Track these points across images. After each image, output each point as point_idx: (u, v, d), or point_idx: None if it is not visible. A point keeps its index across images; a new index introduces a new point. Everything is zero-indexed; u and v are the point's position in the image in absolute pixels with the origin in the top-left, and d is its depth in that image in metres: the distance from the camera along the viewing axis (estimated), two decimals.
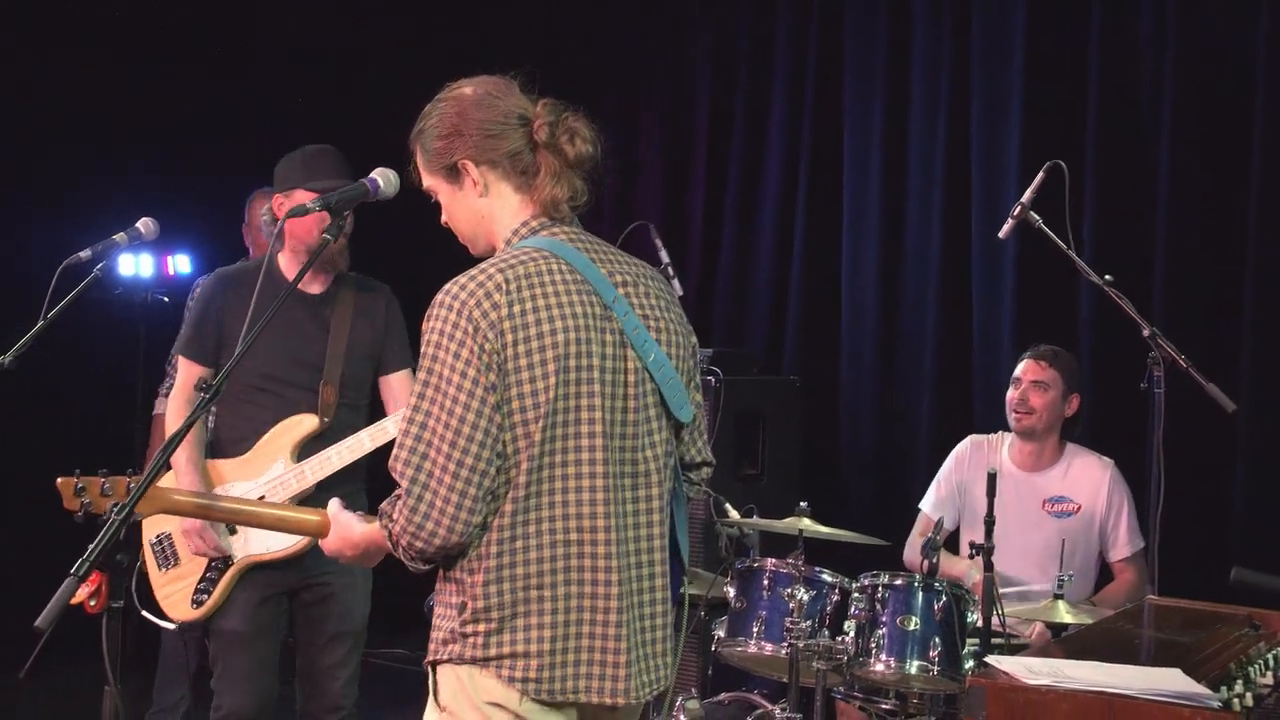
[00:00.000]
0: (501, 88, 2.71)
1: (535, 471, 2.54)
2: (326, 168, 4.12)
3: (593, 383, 2.56)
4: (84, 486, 3.40)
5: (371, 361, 4.29)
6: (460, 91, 2.71)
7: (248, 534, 4.07)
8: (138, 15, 6.64)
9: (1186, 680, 2.90)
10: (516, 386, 2.51)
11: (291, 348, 4.15)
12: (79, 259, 3.79)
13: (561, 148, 2.66)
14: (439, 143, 2.70)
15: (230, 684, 4.13)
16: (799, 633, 4.21)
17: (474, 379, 2.48)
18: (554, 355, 2.52)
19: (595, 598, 2.57)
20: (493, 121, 2.66)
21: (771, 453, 6.32)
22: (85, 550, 2.52)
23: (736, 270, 7.25)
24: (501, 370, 2.50)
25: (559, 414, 2.53)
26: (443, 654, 2.59)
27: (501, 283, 2.53)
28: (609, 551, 2.57)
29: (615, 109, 7.58)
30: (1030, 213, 4.59)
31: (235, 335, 4.04)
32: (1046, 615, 4.38)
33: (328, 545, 2.84)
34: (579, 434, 2.56)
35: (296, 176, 4.13)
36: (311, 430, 4.14)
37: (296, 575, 4.17)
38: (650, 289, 2.73)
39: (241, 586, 4.11)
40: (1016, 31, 6.16)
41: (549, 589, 2.54)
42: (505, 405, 2.51)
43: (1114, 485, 4.96)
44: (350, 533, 2.78)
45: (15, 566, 5.26)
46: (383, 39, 7.44)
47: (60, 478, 3.42)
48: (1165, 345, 4.40)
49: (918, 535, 5.17)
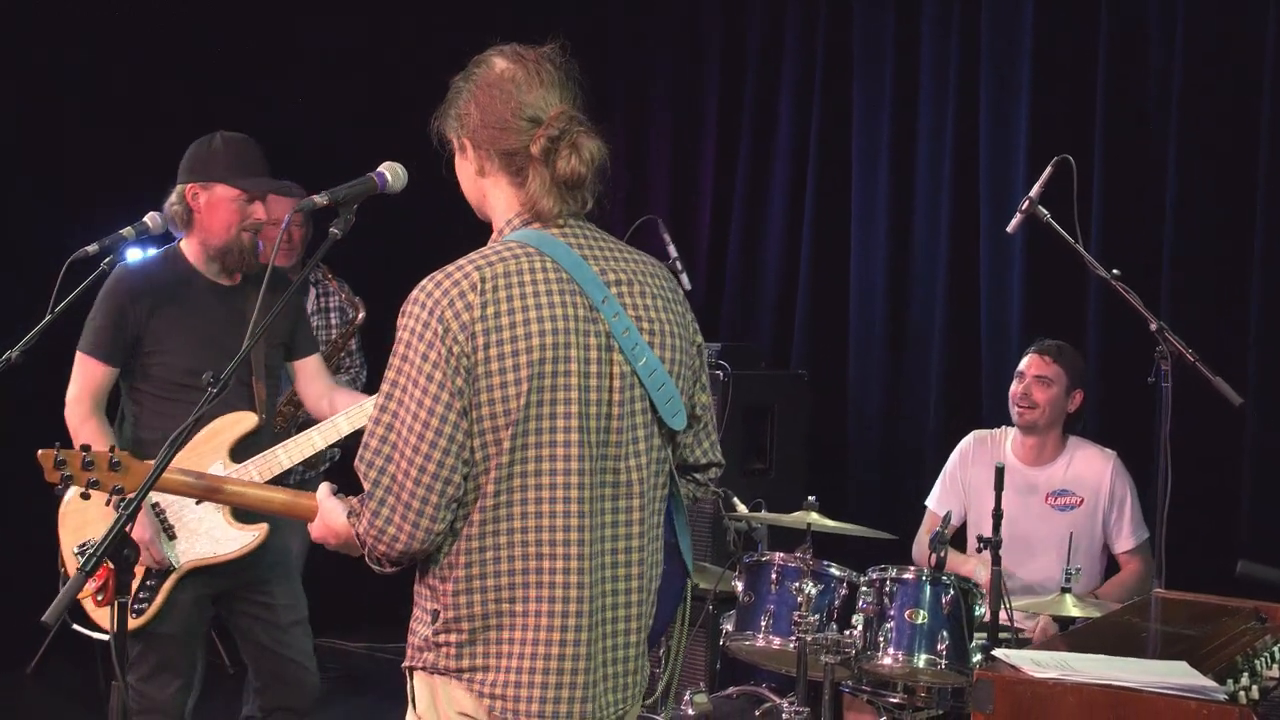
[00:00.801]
0: (530, 76, 2.56)
1: (504, 480, 2.45)
2: (250, 162, 4.01)
3: (569, 389, 2.46)
4: (64, 459, 3.36)
5: (283, 350, 4.18)
6: (487, 70, 2.59)
7: (193, 538, 3.92)
8: (143, 13, 6.66)
9: (1193, 673, 2.91)
10: (487, 392, 2.42)
11: (217, 342, 3.96)
12: (86, 253, 3.78)
13: (554, 163, 2.52)
14: (453, 112, 2.61)
15: (165, 681, 3.98)
16: (807, 626, 4.21)
17: (440, 383, 2.40)
18: (527, 360, 2.42)
19: (565, 615, 2.48)
20: (500, 115, 2.54)
21: (779, 447, 6.32)
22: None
23: (745, 264, 7.25)
24: (471, 374, 2.41)
25: (530, 421, 2.44)
26: (417, 661, 2.55)
27: (477, 281, 2.44)
28: (579, 566, 2.48)
29: (624, 102, 7.60)
30: (1038, 207, 4.59)
31: (155, 333, 3.95)
32: (1054, 609, 4.38)
33: (314, 531, 2.75)
34: (552, 442, 2.45)
35: (219, 169, 3.98)
36: (251, 428, 4.00)
37: (228, 580, 4.03)
38: (649, 288, 2.61)
39: (178, 591, 3.93)
40: (1025, 25, 6.15)
41: (520, 603, 2.47)
42: (475, 410, 2.42)
43: (1116, 477, 4.96)
44: (335, 521, 2.66)
45: (21, 562, 5.26)
46: (383, 37, 7.45)
47: (41, 450, 3.38)
48: (1172, 339, 4.40)
49: (925, 533, 5.17)
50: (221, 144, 4.01)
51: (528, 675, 2.48)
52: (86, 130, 6.44)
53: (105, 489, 3.39)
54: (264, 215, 4.07)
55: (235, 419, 3.99)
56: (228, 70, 6.89)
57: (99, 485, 3.40)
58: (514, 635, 2.48)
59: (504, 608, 2.48)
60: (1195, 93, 5.67)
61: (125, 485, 3.39)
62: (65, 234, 4.91)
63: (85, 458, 3.37)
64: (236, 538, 3.96)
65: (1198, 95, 5.66)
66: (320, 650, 4.42)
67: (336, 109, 7.24)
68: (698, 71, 7.51)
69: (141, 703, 3.96)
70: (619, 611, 2.57)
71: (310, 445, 3.95)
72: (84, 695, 3.60)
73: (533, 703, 2.48)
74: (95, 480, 3.39)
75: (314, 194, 2.95)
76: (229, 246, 4.03)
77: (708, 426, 2.78)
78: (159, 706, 3.97)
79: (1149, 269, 5.61)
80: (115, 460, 3.39)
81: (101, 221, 4.13)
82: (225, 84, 6.81)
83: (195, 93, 6.65)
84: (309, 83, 7.25)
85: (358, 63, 7.38)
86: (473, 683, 2.49)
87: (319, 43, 7.28)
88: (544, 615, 2.48)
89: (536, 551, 2.47)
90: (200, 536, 3.93)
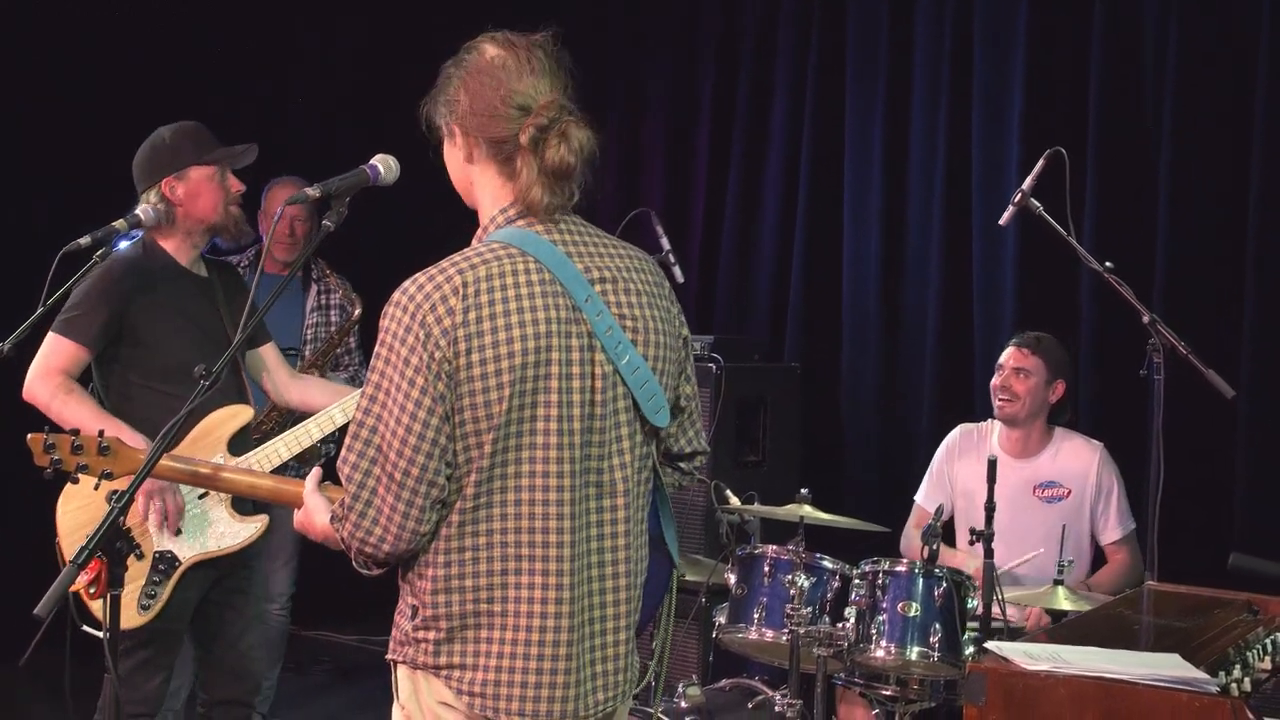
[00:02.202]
0: (520, 63, 2.54)
1: (485, 483, 2.45)
2: (208, 140, 4.03)
3: (549, 392, 2.45)
4: (54, 443, 3.37)
5: (247, 341, 4.15)
6: (478, 56, 2.58)
7: (197, 532, 3.92)
8: (144, 13, 6.65)
9: (1185, 665, 2.91)
10: (469, 396, 2.41)
11: (205, 333, 4.00)
12: (79, 245, 3.77)
13: (543, 153, 2.51)
14: (442, 98, 2.60)
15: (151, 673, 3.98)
16: (799, 619, 4.21)
17: (422, 388, 2.39)
18: (509, 365, 2.41)
19: (545, 616, 2.47)
20: (490, 102, 2.52)
21: (772, 440, 6.32)
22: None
23: (738, 257, 7.25)
24: (453, 379, 2.40)
25: (512, 424, 2.43)
26: (399, 655, 2.56)
27: (460, 285, 2.42)
28: (560, 568, 2.48)
29: (618, 96, 7.59)
30: (1031, 200, 4.59)
31: (138, 324, 3.96)
32: (1046, 601, 4.39)
33: (297, 520, 2.76)
34: (533, 445, 2.45)
35: (185, 155, 3.99)
36: (247, 421, 4.02)
37: (221, 569, 4.04)
38: (634, 284, 2.59)
39: (183, 587, 3.94)
40: (1019, 19, 6.15)
41: (499, 603, 2.47)
42: (457, 415, 2.42)
43: (1103, 468, 4.96)
44: (317, 519, 2.66)
45: (15, 554, 5.26)
46: (384, 35, 7.44)
47: (30, 434, 3.39)
48: (1165, 331, 4.40)
49: (913, 527, 5.18)
50: (174, 134, 4.04)
51: (507, 674, 2.48)
52: (86, 130, 6.43)
53: (94, 473, 3.40)
54: (239, 186, 4.10)
55: (231, 412, 3.99)
56: (228, 70, 6.89)
57: (88, 470, 3.40)
58: (493, 635, 2.48)
59: (483, 607, 2.48)
60: (1189, 85, 5.67)
61: (114, 470, 3.40)
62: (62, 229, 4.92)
63: (74, 442, 3.38)
64: (239, 530, 3.97)
65: (1192, 87, 5.67)
66: (312, 643, 4.41)
67: (336, 109, 7.24)
68: (691, 63, 7.51)
69: (125, 694, 3.94)
70: (606, 610, 2.57)
71: (308, 436, 3.98)
72: (75, 688, 3.59)
73: (513, 701, 2.48)
74: (84, 465, 3.40)
75: (308, 186, 2.96)
76: (223, 223, 4.07)
77: (692, 416, 2.78)
78: (142, 697, 3.97)
79: (1142, 261, 5.62)
80: (104, 445, 3.40)
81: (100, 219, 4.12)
82: (225, 84, 6.81)
83: (195, 93, 6.65)
84: (309, 83, 7.25)
85: (358, 62, 7.38)
86: (450, 679, 2.49)
87: (319, 42, 7.28)
88: (523, 615, 2.48)
89: (516, 553, 2.47)
90: (204, 531, 3.94)
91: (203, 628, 4.15)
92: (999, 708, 2.89)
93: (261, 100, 6.93)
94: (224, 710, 4.18)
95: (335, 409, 4.02)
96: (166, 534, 3.89)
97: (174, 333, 3.99)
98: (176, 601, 3.94)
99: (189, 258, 4.10)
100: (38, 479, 3.48)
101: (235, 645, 4.16)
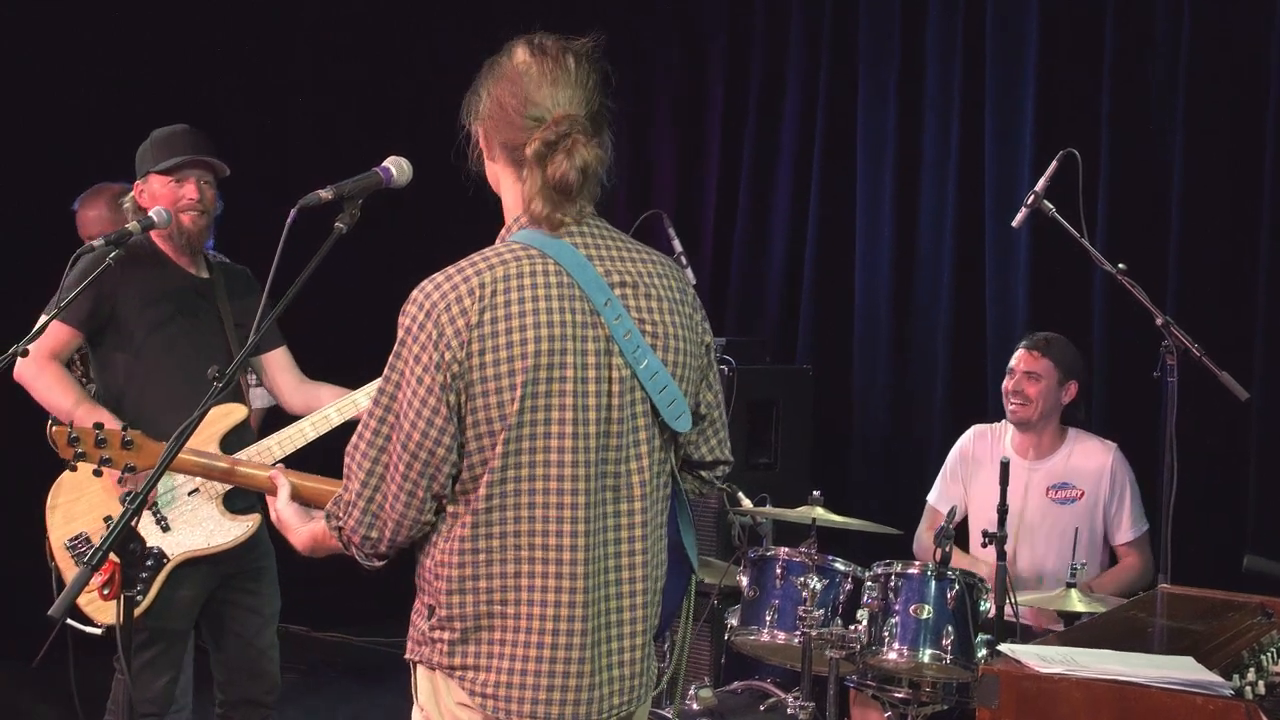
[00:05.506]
0: (543, 72, 2.52)
1: (498, 485, 2.45)
2: (175, 147, 4.06)
3: (564, 395, 2.45)
4: (78, 436, 3.39)
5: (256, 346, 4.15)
6: (507, 59, 2.56)
7: (186, 529, 3.94)
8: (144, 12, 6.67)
9: (1199, 668, 2.91)
10: (482, 397, 2.41)
11: (202, 333, 4.05)
12: (92, 247, 3.79)
13: (545, 165, 2.49)
14: (471, 94, 2.60)
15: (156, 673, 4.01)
16: (812, 621, 4.21)
17: (429, 386, 2.41)
18: (522, 368, 2.41)
19: (558, 619, 2.47)
20: (507, 107, 2.52)
21: (784, 442, 6.32)
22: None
23: (750, 259, 7.25)
24: (465, 380, 2.40)
25: (525, 426, 2.43)
26: (417, 655, 2.56)
27: (476, 286, 2.43)
28: (574, 570, 2.47)
29: (629, 96, 7.58)
30: (1044, 201, 4.59)
31: (126, 315, 3.99)
32: (1059, 604, 4.38)
33: (275, 519, 2.78)
34: (546, 448, 2.45)
35: (148, 162, 4.07)
36: (241, 419, 4.04)
37: (228, 567, 4.07)
38: (655, 289, 2.57)
39: (174, 584, 3.95)
40: (1031, 18, 6.14)
41: (513, 605, 2.47)
42: (469, 415, 2.42)
43: (1117, 468, 4.95)
44: (299, 535, 2.70)
45: (26, 555, 5.27)
46: (384, 34, 7.44)
47: (54, 426, 3.40)
48: (1178, 333, 4.39)
49: (926, 529, 5.18)
50: (153, 138, 4.12)
51: (519, 676, 2.48)
52: (86, 129, 6.44)
53: (118, 466, 3.44)
54: (195, 195, 4.09)
55: (226, 410, 4.02)
56: (227, 70, 6.89)
57: (111, 463, 3.44)
58: (506, 637, 2.48)
59: (496, 609, 2.48)
60: (1202, 86, 5.65)
61: (137, 463, 3.44)
62: (71, 230, 4.94)
63: (99, 435, 3.42)
64: (229, 529, 3.98)
65: (1204, 88, 5.65)
66: (326, 646, 4.42)
67: (336, 108, 7.24)
68: (702, 64, 7.51)
69: (133, 694, 3.96)
70: (622, 615, 2.56)
71: (302, 436, 3.99)
72: (85, 688, 3.61)
73: (524, 704, 2.48)
74: (108, 458, 3.43)
75: (319, 189, 2.95)
76: (179, 230, 4.07)
77: (715, 424, 2.76)
78: (150, 697, 3.99)
79: (1155, 263, 5.60)
80: (128, 439, 3.44)
81: None
82: (225, 83, 6.81)
83: (195, 92, 6.67)
84: (308, 82, 7.25)
85: (357, 61, 7.37)
86: (464, 680, 2.50)
87: (319, 42, 7.28)
88: (536, 619, 2.48)
89: (530, 555, 2.47)
90: (193, 528, 3.95)
91: (214, 626, 4.18)
92: (1012, 710, 2.88)
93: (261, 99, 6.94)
94: (242, 710, 4.21)
95: (331, 408, 4.03)
96: (156, 531, 3.90)
97: (158, 326, 4.03)
98: (171, 599, 3.95)
99: (183, 258, 4.14)
100: (38, 479, 3.49)
101: (251, 644, 4.18)
